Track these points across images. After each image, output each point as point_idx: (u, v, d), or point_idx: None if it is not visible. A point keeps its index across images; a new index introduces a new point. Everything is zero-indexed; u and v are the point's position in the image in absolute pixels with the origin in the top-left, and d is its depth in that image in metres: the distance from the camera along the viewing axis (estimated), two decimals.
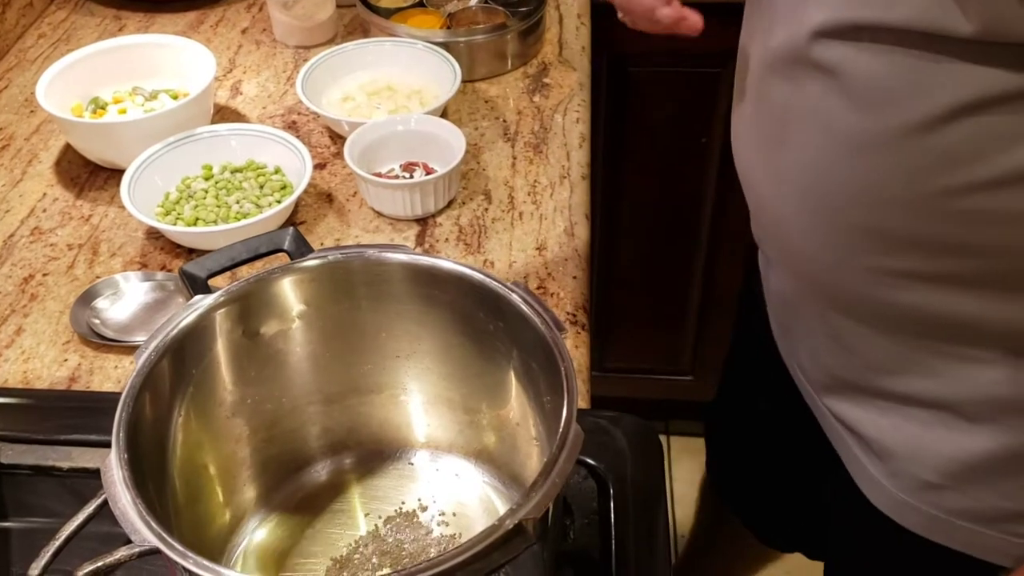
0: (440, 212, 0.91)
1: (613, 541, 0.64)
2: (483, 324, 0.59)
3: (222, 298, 0.56)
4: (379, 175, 0.91)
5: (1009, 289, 0.55)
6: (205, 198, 0.89)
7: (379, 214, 0.91)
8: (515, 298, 0.56)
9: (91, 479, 0.66)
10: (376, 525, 0.63)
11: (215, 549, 0.60)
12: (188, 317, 0.55)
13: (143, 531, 0.45)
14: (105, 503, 0.61)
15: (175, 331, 0.54)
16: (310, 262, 0.58)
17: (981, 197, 0.52)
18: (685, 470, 1.68)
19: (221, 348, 0.57)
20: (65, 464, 0.68)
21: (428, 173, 0.91)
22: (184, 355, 0.55)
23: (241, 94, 1.08)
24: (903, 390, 0.64)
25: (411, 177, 0.91)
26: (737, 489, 1.07)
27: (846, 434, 0.71)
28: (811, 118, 0.57)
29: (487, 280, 0.57)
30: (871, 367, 0.65)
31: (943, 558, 0.68)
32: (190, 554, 0.44)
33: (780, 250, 0.68)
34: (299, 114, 1.04)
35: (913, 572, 0.74)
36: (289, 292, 0.59)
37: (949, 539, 0.67)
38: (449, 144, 0.91)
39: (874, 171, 0.55)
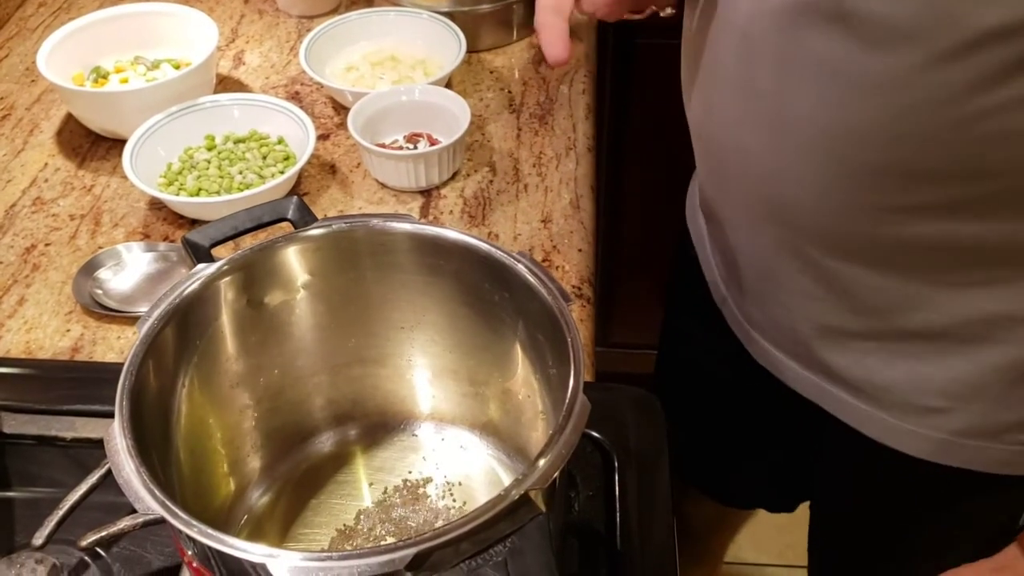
0: (444, 184, 0.90)
1: (618, 513, 0.64)
2: (489, 295, 0.58)
3: (225, 267, 0.55)
4: (383, 146, 0.90)
5: (1018, 207, 0.55)
6: (208, 168, 0.88)
7: (383, 185, 0.90)
8: (521, 268, 0.55)
9: (94, 449, 0.66)
10: (381, 496, 0.63)
11: (219, 519, 0.60)
12: (191, 286, 0.54)
13: (147, 500, 0.45)
14: (108, 473, 0.61)
15: (178, 300, 0.54)
16: (314, 231, 0.58)
17: (1001, 118, 0.51)
18: None
19: (225, 317, 0.57)
20: (68, 434, 0.68)
21: (432, 144, 0.90)
22: (188, 324, 0.54)
23: (244, 64, 1.06)
24: (899, 326, 0.64)
25: (415, 148, 0.90)
26: (689, 460, 1.06)
27: (828, 383, 0.71)
28: (815, 67, 0.55)
29: (493, 250, 0.56)
30: (865, 309, 0.65)
31: (949, 477, 0.69)
32: (195, 522, 0.43)
33: (765, 205, 0.66)
34: (302, 84, 1.03)
35: (920, 496, 0.74)
36: (293, 261, 0.58)
37: (956, 459, 0.68)
38: (454, 115, 0.90)
39: (887, 109, 0.54)
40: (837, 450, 0.80)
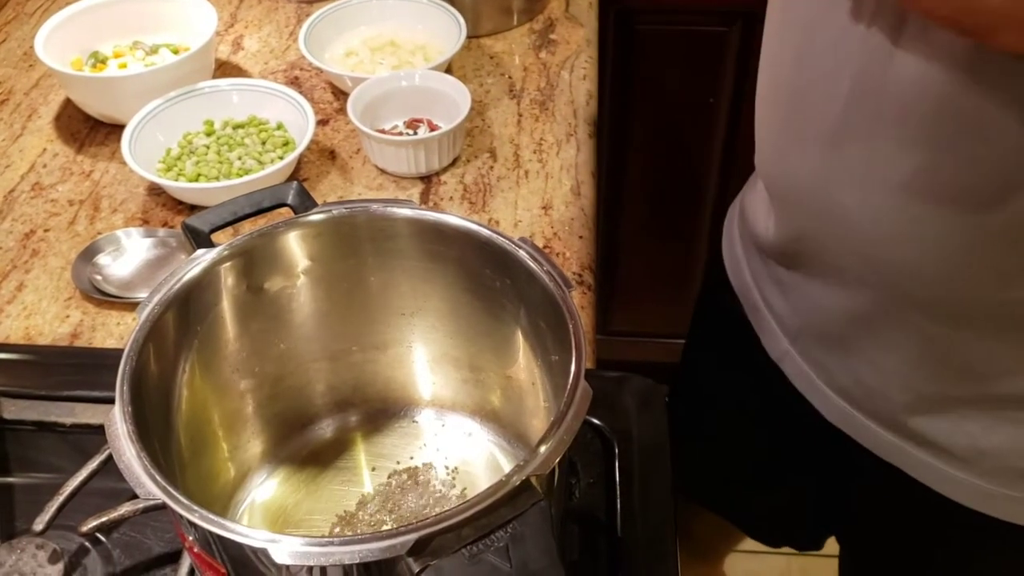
0: (444, 170, 0.90)
1: (618, 500, 0.64)
2: (490, 281, 0.58)
3: (226, 252, 0.55)
4: (383, 132, 0.89)
5: None
6: (207, 154, 0.88)
7: (382, 171, 0.90)
8: (522, 254, 0.55)
9: (94, 435, 0.66)
10: (381, 482, 0.63)
11: (220, 504, 0.60)
12: (191, 271, 0.54)
13: (148, 485, 0.44)
14: (109, 458, 0.61)
15: (178, 285, 0.53)
16: (315, 216, 0.57)
17: None
18: None
19: (225, 303, 0.57)
20: (68, 420, 0.68)
21: (432, 130, 0.90)
22: (188, 309, 0.54)
23: (243, 49, 1.06)
24: (1004, 391, 0.62)
25: (415, 134, 0.89)
26: (716, 490, 1.03)
27: (912, 446, 0.68)
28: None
29: (494, 236, 0.56)
30: (971, 375, 0.62)
31: (1009, 533, 0.67)
32: (196, 507, 0.43)
33: (868, 268, 0.62)
34: (302, 69, 1.02)
35: (970, 545, 0.73)
36: (294, 247, 0.58)
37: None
38: (454, 101, 0.90)
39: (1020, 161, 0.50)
40: (879, 492, 0.78)
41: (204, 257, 0.55)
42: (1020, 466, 0.65)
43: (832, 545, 1.18)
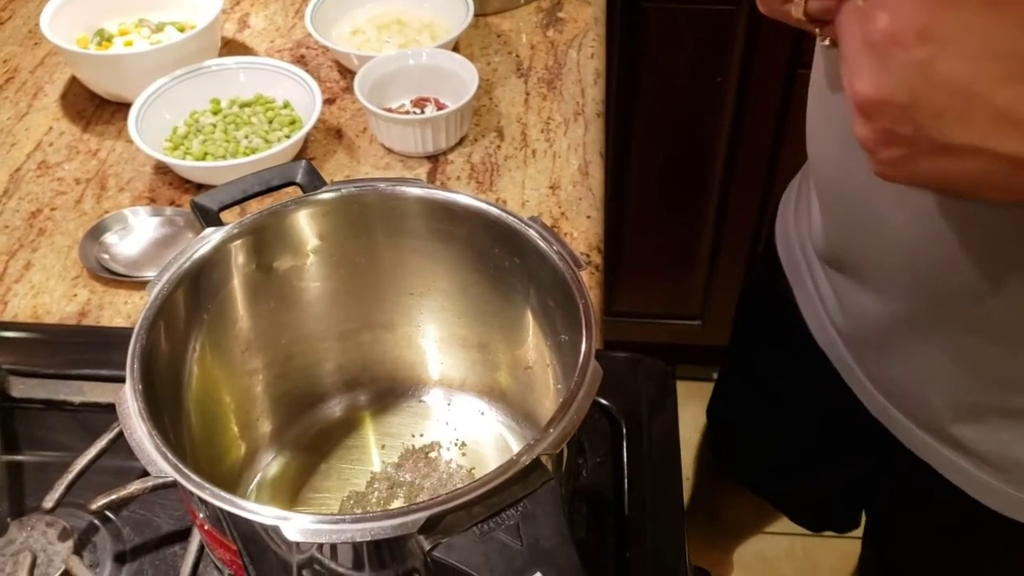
0: (452, 149, 0.89)
1: (626, 479, 0.64)
2: (499, 261, 0.58)
3: (236, 230, 0.55)
4: (390, 110, 0.89)
5: None
6: (214, 133, 0.88)
7: (390, 151, 0.90)
8: (532, 234, 0.55)
9: (103, 414, 0.66)
10: (390, 461, 0.63)
11: (230, 482, 0.60)
12: (201, 249, 0.54)
13: (160, 463, 0.44)
14: (118, 437, 0.61)
15: (188, 263, 0.53)
16: (324, 195, 0.57)
17: None
18: (691, 415, 1.69)
19: (235, 282, 0.56)
20: (77, 398, 0.68)
21: (439, 109, 0.89)
22: (198, 288, 0.54)
23: (249, 27, 1.05)
24: None
25: (422, 113, 0.89)
26: (759, 472, 1.04)
27: (948, 449, 0.68)
28: None
29: (504, 215, 0.56)
30: (1010, 386, 0.61)
31: None
32: (207, 485, 0.43)
33: (911, 281, 0.61)
34: (308, 48, 1.02)
35: (992, 545, 0.73)
36: (304, 226, 0.58)
37: None
38: (461, 79, 0.89)
39: None
40: (912, 486, 0.78)
41: (213, 236, 0.55)
42: None
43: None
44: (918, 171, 0.44)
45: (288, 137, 0.87)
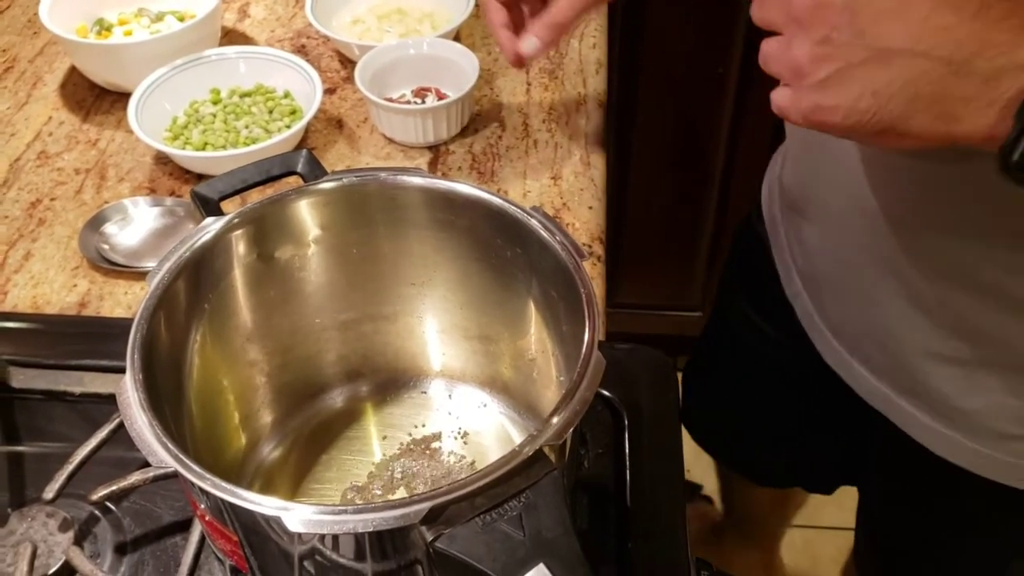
0: (453, 140, 0.89)
1: (627, 470, 0.63)
2: (501, 251, 0.57)
3: (236, 220, 0.55)
4: (391, 100, 0.89)
5: None
6: (214, 122, 0.87)
7: (391, 141, 0.89)
8: (534, 224, 0.54)
9: (103, 404, 0.66)
10: (391, 452, 0.63)
11: (230, 473, 0.60)
12: (201, 239, 0.54)
13: (160, 453, 0.44)
14: (118, 427, 0.61)
15: (188, 253, 0.53)
16: (325, 184, 0.57)
17: None
18: None
19: (236, 271, 0.56)
20: (77, 389, 0.68)
21: (440, 99, 0.89)
22: (198, 277, 0.54)
23: (249, 17, 1.05)
24: (993, 353, 0.62)
25: (423, 103, 0.89)
26: (726, 439, 1.05)
27: (900, 397, 0.69)
28: None
29: (506, 205, 0.55)
30: (963, 334, 0.62)
31: (1008, 495, 0.68)
32: (208, 475, 0.43)
33: (864, 219, 0.63)
34: (308, 37, 1.01)
35: (974, 507, 0.73)
36: (304, 215, 0.58)
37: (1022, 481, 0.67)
38: (462, 69, 0.89)
39: None
40: (890, 451, 0.79)
41: (214, 225, 0.54)
42: (1002, 430, 0.65)
43: (834, 517, 1.18)
44: (851, 89, 0.44)
45: (288, 127, 0.86)
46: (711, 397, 1.03)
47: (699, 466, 1.54)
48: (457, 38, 0.98)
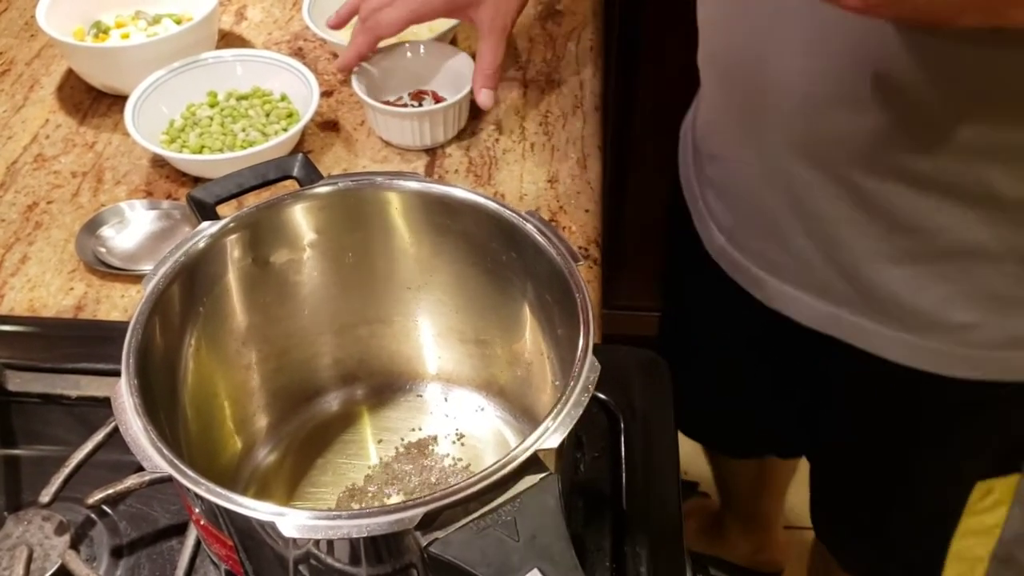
0: (449, 143, 0.89)
1: (623, 474, 0.63)
2: (497, 255, 0.58)
3: (232, 224, 0.55)
4: (388, 103, 0.89)
5: None
6: (210, 125, 0.87)
7: (387, 144, 0.89)
8: (530, 228, 0.55)
9: (99, 408, 0.66)
10: (387, 456, 0.63)
11: (226, 477, 0.60)
12: (197, 244, 0.54)
13: (155, 458, 0.44)
14: (114, 431, 0.61)
15: (184, 257, 0.53)
16: (321, 189, 0.57)
17: None
18: None
19: (231, 276, 0.56)
20: (73, 392, 0.68)
21: (437, 102, 0.89)
22: (193, 282, 0.54)
23: (246, 19, 1.05)
24: (939, 246, 0.64)
25: (420, 106, 0.89)
26: (696, 416, 1.05)
27: (848, 312, 0.71)
28: None
29: (502, 209, 0.56)
30: (906, 230, 0.64)
31: (966, 394, 0.71)
32: (203, 481, 0.43)
33: (802, 133, 0.65)
34: (305, 40, 1.02)
35: (932, 415, 0.76)
36: (300, 220, 0.58)
37: (984, 372, 0.69)
38: (459, 73, 0.89)
39: None
40: (845, 386, 0.81)
41: (209, 229, 0.54)
42: (953, 320, 0.67)
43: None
44: None
45: (285, 130, 0.86)
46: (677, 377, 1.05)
47: (696, 466, 1.54)
48: (454, 41, 0.98)
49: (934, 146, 0.59)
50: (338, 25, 0.90)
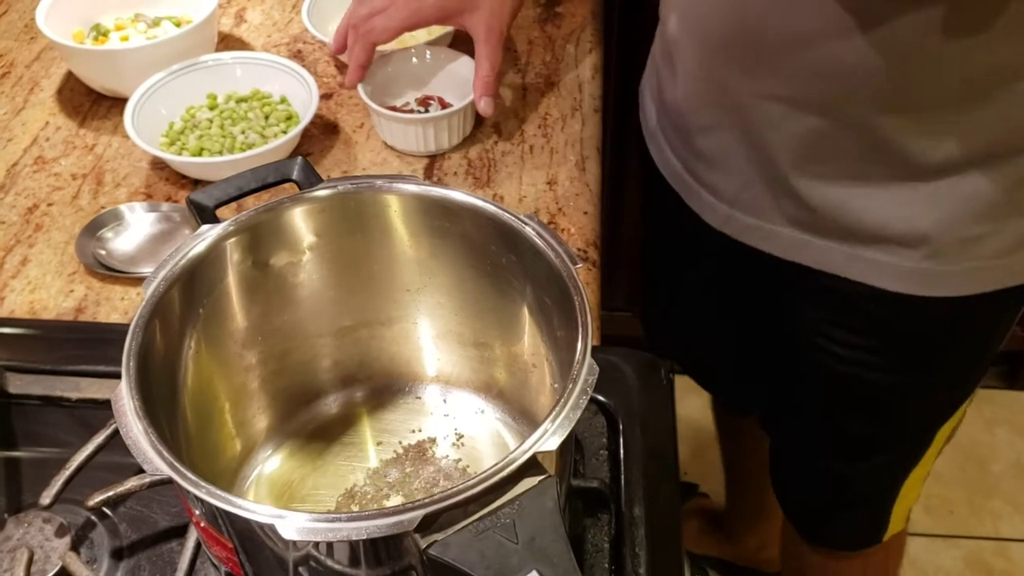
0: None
1: (622, 476, 0.64)
2: (496, 257, 0.58)
3: (231, 227, 0.55)
4: (394, 109, 0.89)
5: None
6: (210, 128, 0.88)
7: (386, 146, 0.89)
8: (529, 231, 0.55)
9: (99, 410, 0.66)
10: (387, 458, 0.63)
11: (226, 479, 0.60)
12: (197, 247, 0.54)
13: (155, 461, 0.44)
14: (114, 433, 0.61)
15: (184, 260, 0.53)
16: (320, 192, 0.57)
17: None
18: (687, 410, 1.69)
19: (231, 278, 0.56)
20: (73, 395, 0.68)
21: (444, 107, 0.89)
22: (193, 285, 0.54)
23: (245, 22, 1.05)
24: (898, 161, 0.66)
25: (426, 111, 0.88)
26: (694, 368, 1.10)
27: (806, 233, 0.73)
28: None
29: (500, 212, 0.56)
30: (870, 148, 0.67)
31: (926, 312, 0.74)
32: (203, 483, 0.43)
33: (812, 76, 0.66)
34: (305, 43, 1.02)
35: (900, 340, 0.78)
36: (299, 223, 0.58)
37: (985, 283, 0.72)
38: (466, 78, 0.88)
39: None
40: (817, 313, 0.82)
41: (209, 233, 0.55)
42: (899, 234, 0.70)
43: None
44: None
45: (285, 133, 0.87)
46: (668, 332, 1.09)
47: (695, 467, 1.54)
48: (453, 43, 0.98)
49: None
50: (340, 50, 0.90)
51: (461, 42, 1.01)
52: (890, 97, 0.64)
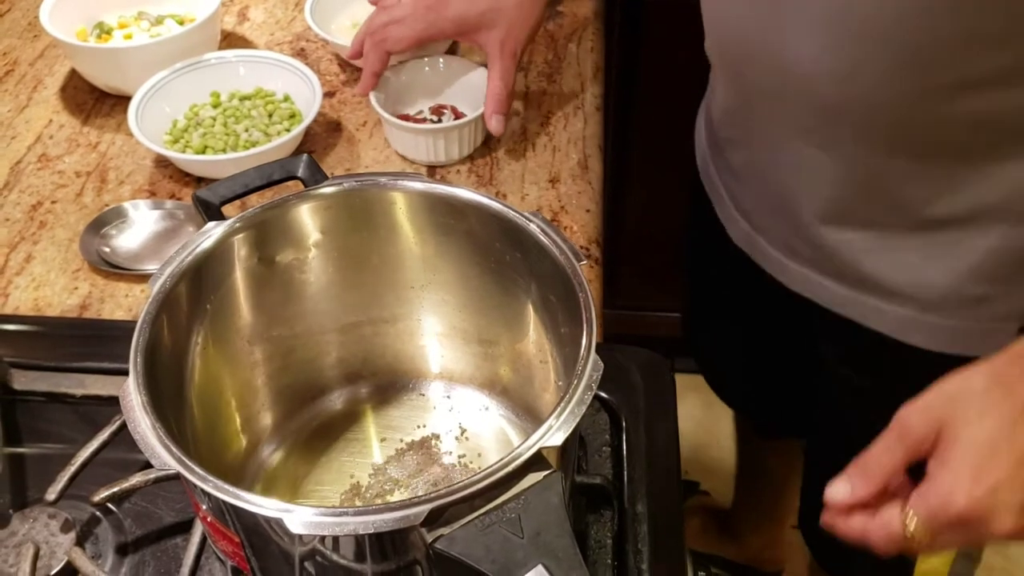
0: None
1: (625, 472, 0.64)
2: (500, 255, 0.58)
3: (238, 224, 0.55)
4: (407, 117, 0.88)
5: None
6: (213, 126, 0.88)
7: (390, 144, 0.89)
8: (533, 228, 0.55)
9: (104, 406, 0.66)
10: (391, 454, 0.63)
11: (232, 475, 0.60)
12: (203, 243, 0.54)
13: (163, 455, 0.45)
14: (120, 429, 0.62)
15: (190, 257, 0.53)
16: (326, 189, 0.57)
17: None
18: (690, 407, 1.70)
19: (237, 275, 0.57)
20: (78, 391, 0.68)
21: (457, 117, 0.88)
22: (200, 281, 0.54)
23: (248, 20, 1.05)
24: (916, 217, 0.65)
25: (439, 120, 0.88)
26: (732, 389, 1.10)
27: (866, 295, 0.72)
28: None
29: (505, 210, 0.56)
30: (893, 202, 0.65)
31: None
32: (210, 477, 0.44)
33: (807, 110, 0.66)
34: (308, 41, 1.02)
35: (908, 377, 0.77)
36: (305, 219, 0.58)
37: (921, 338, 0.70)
38: (480, 89, 0.87)
39: None
40: (848, 354, 0.81)
41: (215, 229, 0.55)
42: (964, 292, 0.67)
43: None
44: None
45: (288, 131, 0.87)
46: (713, 353, 1.09)
47: (696, 466, 1.55)
48: (455, 42, 0.98)
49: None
50: (356, 55, 0.89)
51: (476, 53, 1.01)
52: (919, 156, 0.63)
